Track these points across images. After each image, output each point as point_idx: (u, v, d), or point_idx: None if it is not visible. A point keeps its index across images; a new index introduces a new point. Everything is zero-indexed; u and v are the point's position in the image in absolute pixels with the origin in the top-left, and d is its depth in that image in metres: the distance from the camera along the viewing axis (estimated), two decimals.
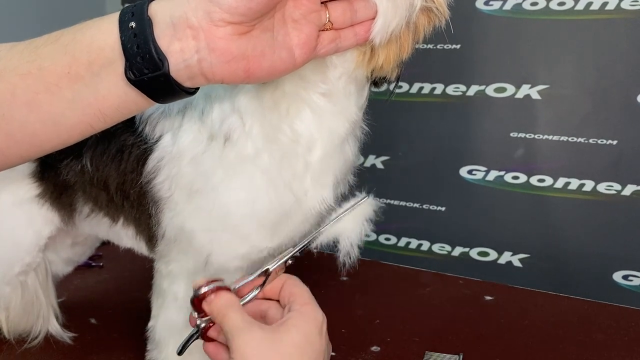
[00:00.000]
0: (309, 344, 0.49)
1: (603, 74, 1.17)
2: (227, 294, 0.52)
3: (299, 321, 0.50)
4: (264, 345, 0.48)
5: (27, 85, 0.48)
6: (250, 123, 0.59)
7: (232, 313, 0.50)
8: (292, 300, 0.53)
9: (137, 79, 0.47)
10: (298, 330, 0.50)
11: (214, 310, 0.51)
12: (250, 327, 0.49)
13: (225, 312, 0.50)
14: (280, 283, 0.55)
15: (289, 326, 0.50)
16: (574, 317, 0.92)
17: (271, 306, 0.55)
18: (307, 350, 0.49)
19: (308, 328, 0.50)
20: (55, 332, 0.84)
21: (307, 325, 0.50)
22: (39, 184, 0.73)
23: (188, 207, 0.62)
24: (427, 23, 0.55)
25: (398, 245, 1.45)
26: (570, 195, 1.24)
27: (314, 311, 0.52)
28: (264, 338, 0.48)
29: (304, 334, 0.50)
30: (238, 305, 0.51)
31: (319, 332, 0.51)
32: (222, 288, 0.52)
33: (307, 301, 0.52)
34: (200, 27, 0.46)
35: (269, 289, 0.55)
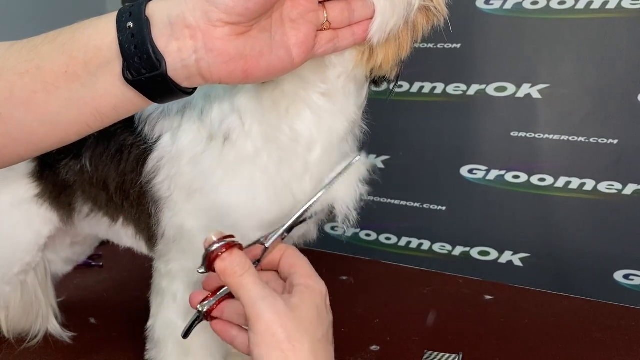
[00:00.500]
0: (319, 317, 0.50)
1: (604, 73, 1.17)
2: (240, 254, 0.49)
3: (308, 296, 0.50)
4: (286, 318, 0.47)
5: (25, 84, 0.48)
6: (250, 123, 0.59)
7: (249, 277, 0.48)
8: (292, 271, 0.52)
9: (134, 79, 0.46)
10: (310, 306, 0.49)
11: (228, 268, 0.48)
12: (272, 295, 0.48)
13: (241, 275, 0.48)
14: (279, 254, 0.54)
15: (302, 299, 0.49)
16: (575, 317, 0.92)
17: (270, 278, 0.54)
18: (319, 323, 0.50)
19: (317, 302, 0.50)
20: (54, 332, 0.84)
21: (315, 298, 0.50)
22: (38, 183, 0.73)
23: (187, 206, 0.62)
24: (426, 22, 0.55)
25: (398, 244, 1.45)
26: (571, 194, 1.24)
27: (319, 284, 0.52)
28: (286, 310, 0.48)
29: (316, 308, 0.50)
30: (253, 269, 0.49)
31: (325, 304, 0.51)
32: (235, 245, 0.49)
33: (310, 273, 0.52)
34: (198, 27, 0.46)
35: (267, 260, 0.54)
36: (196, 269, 0.50)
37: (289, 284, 0.52)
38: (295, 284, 0.51)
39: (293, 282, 0.51)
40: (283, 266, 0.54)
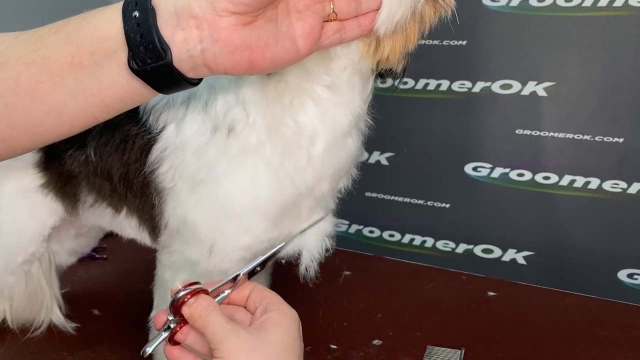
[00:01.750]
0: (293, 342, 0.49)
1: (610, 71, 1.17)
2: (206, 298, 0.50)
3: (281, 320, 0.50)
4: (253, 344, 0.47)
5: (30, 74, 0.48)
6: (254, 115, 0.59)
7: (215, 316, 0.48)
8: (266, 302, 0.52)
9: (140, 68, 0.46)
10: (282, 329, 0.49)
11: (195, 313, 0.49)
12: (235, 329, 0.48)
13: (206, 315, 0.49)
14: (247, 289, 0.54)
15: (273, 325, 0.49)
16: (577, 314, 0.92)
17: (237, 310, 0.54)
18: (293, 348, 0.49)
19: (291, 327, 0.50)
20: (58, 322, 0.84)
21: (289, 324, 0.50)
22: (43, 173, 0.73)
23: (191, 197, 0.62)
24: (433, 13, 0.55)
25: (402, 241, 1.44)
26: (576, 193, 1.24)
27: (291, 310, 0.52)
28: (252, 340, 0.48)
29: (288, 332, 0.50)
30: (218, 308, 0.50)
31: (298, 330, 0.51)
32: (201, 291, 0.50)
33: (282, 302, 0.52)
34: (204, 17, 0.46)
35: (235, 295, 0.54)
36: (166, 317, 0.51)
37: (260, 313, 0.51)
38: (268, 310, 0.51)
39: (267, 309, 0.51)
40: (254, 298, 0.53)
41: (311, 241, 0.64)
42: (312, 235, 0.64)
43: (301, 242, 0.62)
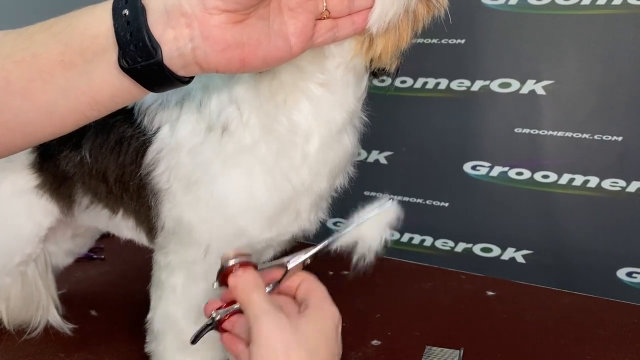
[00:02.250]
0: (326, 340, 0.49)
1: (608, 70, 1.16)
2: (254, 273, 0.50)
3: (318, 317, 0.50)
4: (287, 333, 0.47)
5: (21, 72, 0.48)
6: (248, 114, 0.59)
7: (259, 294, 0.49)
8: (309, 296, 0.52)
9: (130, 67, 0.46)
10: (316, 325, 0.49)
11: (240, 285, 0.49)
12: (274, 313, 0.48)
13: (251, 291, 0.49)
14: (297, 280, 0.54)
15: (311, 320, 0.49)
16: (577, 313, 0.91)
17: (287, 302, 0.54)
18: (324, 345, 0.49)
19: (327, 324, 0.50)
20: (55, 323, 0.84)
21: (326, 321, 0.50)
22: (38, 174, 0.73)
23: (186, 198, 0.61)
24: (426, 12, 0.55)
25: (401, 240, 1.44)
26: (575, 191, 1.24)
27: (333, 308, 0.51)
28: (289, 327, 0.48)
29: (323, 329, 0.49)
30: (263, 287, 0.50)
31: (336, 330, 0.51)
32: (250, 264, 0.51)
33: (325, 299, 0.52)
34: (194, 15, 0.45)
35: (285, 285, 0.54)
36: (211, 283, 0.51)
37: (304, 308, 0.51)
38: (309, 305, 0.51)
39: (308, 304, 0.51)
40: (301, 291, 0.54)
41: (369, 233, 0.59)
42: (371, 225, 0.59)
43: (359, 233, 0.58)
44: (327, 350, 0.49)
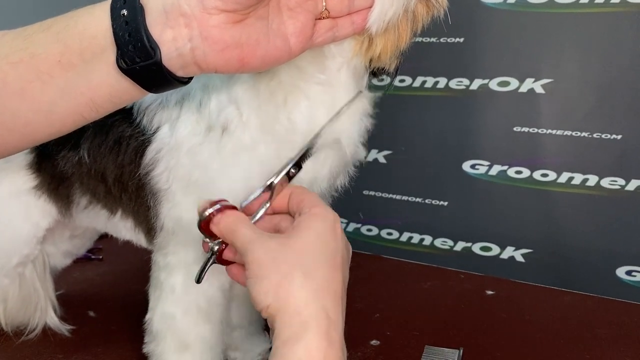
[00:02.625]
0: (322, 243, 0.49)
1: (607, 68, 1.16)
2: (233, 212, 0.51)
3: (309, 222, 0.50)
4: (277, 251, 0.47)
5: (19, 73, 0.47)
6: (247, 114, 0.58)
7: (242, 229, 0.49)
8: (301, 205, 0.52)
9: (128, 67, 0.46)
10: (309, 232, 0.49)
11: (223, 229, 0.50)
12: (262, 237, 0.48)
13: (234, 228, 0.49)
14: (287, 194, 0.54)
15: (301, 229, 0.49)
16: (576, 312, 0.91)
17: (282, 219, 0.54)
18: (322, 248, 0.48)
19: (320, 227, 0.49)
20: (53, 325, 0.84)
21: (319, 225, 0.50)
22: (36, 175, 0.73)
23: (186, 198, 0.61)
24: (426, 13, 0.54)
25: (400, 240, 1.44)
26: (574, 190, 1.23)
27: (325, 211, 0.51)
28: (276, 244, 0.48)
29: (317, 233, 0.49)
30: (246, 220, 0.51)
31: (332, 230, 0.50)
32: (227, 207, 0.51)
33: (316, 203, 0.52)
34: (193, 15, 0.45)
35: (277, 202, 0.54)
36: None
37: (297, 217, 0.51)
38: (302, 213, 0.51)
39: (301, 213, 0.51)
40: (292, 204, 0.53)
41: (347, 124, 0.58)
42: (347, 119, 0.58)
43: (336, 130, 0.57)
44: (327, 254, 0.48)
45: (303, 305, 0.45)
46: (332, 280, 0.48)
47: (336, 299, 0.48)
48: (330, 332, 0.46)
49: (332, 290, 0.47)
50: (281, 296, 0.46)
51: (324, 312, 0.46)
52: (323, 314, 0.46)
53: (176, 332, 0.66)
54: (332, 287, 0.48)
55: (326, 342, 0.45)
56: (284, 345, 0.45)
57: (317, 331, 0.45)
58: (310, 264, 0.47)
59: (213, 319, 0.66)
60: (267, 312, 0.46)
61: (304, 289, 0.46)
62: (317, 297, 0.46)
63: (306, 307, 0.45)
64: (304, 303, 0.45)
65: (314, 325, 0.45)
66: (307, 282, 0.46)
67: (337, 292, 0.48)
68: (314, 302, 0.46)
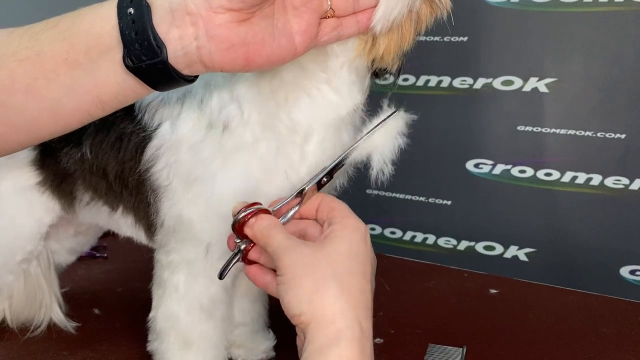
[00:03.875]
0: (354, 253, 0.50)
1: (611, 67, 1.16)
2: (267, 216, 0.52)
3: (342, 232, 0.51)
4: (311, 259, 0.48)
5: (25, 71, 0.48)
6: (249, 111, 0.59)
7: (276, 234, 0.50)
8: (332, 215, 0.53)
9: (135, 66, 0.46)
10: (343, 241, 0.50)
11: (257, 233, 0.51)
12: (295, 244, 0.50)
13: (268, 233, 0.51)
14: (316, 202, 0.55)
15: (334, 237, 0.50)
16: (580, 311, 0.91)
17: (309, 225, 0.55)
18: (354, 258, 0.49)
19: (352, 237, 0.50)
20: (58, 322, 0.84)
21: (351, 234, 0.51)
22: (39, 171, 0.73)
23: (186, 195, 0.61)
24: (430, 14, 0.54)
25: (403, 239, 1.44)
26: (578, 189, 1.23)
27: (356, 222, 0.52)
28: (310, 252, 0.49)
29: (349, 243, 0.50)
30: (280, 225, 0.52)
31: (364, 241, 0.51)
32: (262, 210, 0.53)
33: (347, 214, 0.53)
34: (199, 13, 0.45)
35: (305, 208, 0.55)
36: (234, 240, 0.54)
37: (326, 227, 0.52)
38: (332, 223, 0.52)
39: (331, 222, 0.52)
40: (321, 211, 0.54)
41: (381, 142, 0.59)
42: (381, 135, 0.59)
43: (369, 146, 0.58)
44: (359, 265, 0.49)
45: (338, 315, 0.46)
46: (364, 291, 0.49)
47: (368, 310, 0.49)
48: (363, 343, 0.47)
49: (364, 301, 0.48)
50: (316, 305, 0.47)
51: (357, 322, 0.47)
52: (357, 324, 0.47)
53: (179, 330, 0.66)
54: (364, 297, 0.49)
55: (359, 352, 0.46)
56: (318, 352, 0.46)
57: (351, 341, 0.46)
58: (344, 274, 0.48)
59: (216, 316, 0.66)
60: (300, 319, 0.47)
61: (338, 299, 0.47)
62: (351, 307, 0.47)
63: (341, 316, 0.46)
64: (340, 313, 0.46)
65: (348, 335, 0.46)
66: (341, 292, 0.47)
67: (369, 303, 0.49)
68: (348, 312, 0.47)
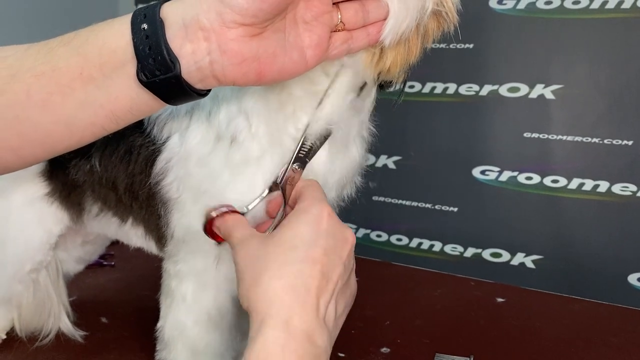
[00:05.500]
0: (299, 238, 0.49)
1: (618, 74, 1.16)
2: (233, 216, 0.54)
3: (290, 218, 0.50)
4: (255, 251, 0.49)
5: (41, 86, 0.48)
6: (257, 124, 0.59)
7: (235, 231, 0.53)
8: (298, 201, 0.53)
9: (148, 80, 0.47)
10: (287, 228, 0.49)
11: (222, 231, 0.54)
12: (248, 238, 0.51)
13: (229, 232, 0.53)
14: (296, 192, 0.55)
15: (281, 226, 0.50)
16: (587, 320, 0.91)
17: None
18: (296, 243, 0.48)
19: (299, 222, 0.50)
20: (66, 331, 0.84)
21: (298, 219, 0.50)
22: (48, 182, 0.74)
23: (196, 207, 0.61)
24: (437, 28, 0.55)
25: (410, 245, 1.44)
26: (585, 196, 1.23)
27: (310, 205, 0.51)
28: (256, 245, 0.50)
29: (294, 229, 0.49)
30: (243, 223, 0.53)
31: (313, 223, 0.50)
32: (229, 212, 0.55)
33: (307, 197, 0.52)
34: (212, 28, 0.46)
35: (292, 201, 0.55)
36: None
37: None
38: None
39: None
40: (292, 201, 0.55)
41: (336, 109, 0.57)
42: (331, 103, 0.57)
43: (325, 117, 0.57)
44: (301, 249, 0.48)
45: (266, 304, 0.46)
46: (302, 275, 0.47)
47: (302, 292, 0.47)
48: (289, 323, 0.46)
49: (301, 285, 0.47)
50: (251, 297, 0.47)
51: (283, 305, 0.46)
52: (282, 307, 0.46)
53: (187, 340, 0.66)
54: (301, 281, 0.47)
55: (284, 333, 0.45)
56: (248, 347, 0.46)
57: (274, 324, 0.45)
58: (280, 262, 0.48)
59: (223, 326, 0.66)
60: (248, 311, 0.48)
61: (268, 289, 0.47)
62: (278, 293, 0.47)
63: (267, 309, 0.46)
64: (268, 302, 0.46)
65: (269, 320, 0.46)
66: (272, 281, 0.47)
67: (308, 285, 0.47)
68: (275, 298, 0.46)
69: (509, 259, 1.33)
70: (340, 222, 0.52)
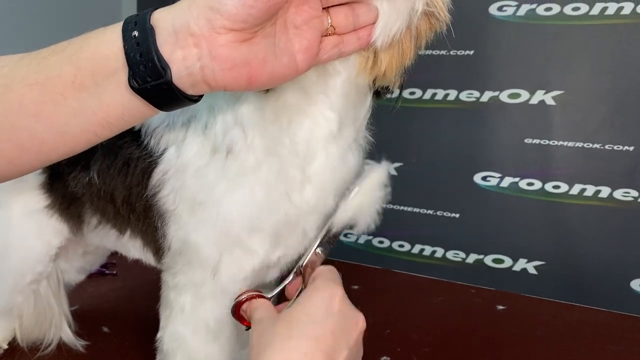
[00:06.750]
0: (308, 319, 0.49)
1: (618, 79, 1.16)
2: (257, 301, 0.56)
3: (303, 296, 0.51)
4: (264, 327, 0.50)
5: (34, 95, 0.49)
6: (252, 135, 0.59)
7: (255, 313, 0.54)
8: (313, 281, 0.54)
9: (140, 87, 0.47)
10: (298, 306, 0.50)
11: (248, 315, 0.56)
12: (264, 318, 0.52)
13: (252, 314, 0.54)
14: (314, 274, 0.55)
15: (293, 307, 0.50)
16: (589, 328, 0.91)
17: None
18: (302, 320, 0.48)
19: (311, 300, 0.50)
20: (68, 340, 0.84)
21: (310, 297, 0.50)
22: (48, 195, 0.74)
23: (192, 219, 0.62)
24: (429, 29, 0.55)
25: (411, 252, 1.44)
26: (586, 202, 1.23)
27: (324, 285, 0.51)
28: (268, 322, 0.50)
29: (305, 311, 0.49)
30: (265, 306, 0.55)
31: (326, 302, 0.50)
32: (255, 297, 0.57)
33: (321, 276, 0.53)
34: (202, 34, 0.46)
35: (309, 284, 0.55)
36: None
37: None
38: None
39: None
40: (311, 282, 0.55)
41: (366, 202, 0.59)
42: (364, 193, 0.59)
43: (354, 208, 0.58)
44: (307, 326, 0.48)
45: None
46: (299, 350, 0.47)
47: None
48: None
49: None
50: None
51: None
52: None
53: (186, 351, 0.66)
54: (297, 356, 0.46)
55: None
56: None
57: None
58: (284, 336, 0.48)
59: (222, 337, 0.67)
60: None
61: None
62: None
63: None
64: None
65: None
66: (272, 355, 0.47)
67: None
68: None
69: (510, 264, 1.32)
70: (352, 306, 0.52)
